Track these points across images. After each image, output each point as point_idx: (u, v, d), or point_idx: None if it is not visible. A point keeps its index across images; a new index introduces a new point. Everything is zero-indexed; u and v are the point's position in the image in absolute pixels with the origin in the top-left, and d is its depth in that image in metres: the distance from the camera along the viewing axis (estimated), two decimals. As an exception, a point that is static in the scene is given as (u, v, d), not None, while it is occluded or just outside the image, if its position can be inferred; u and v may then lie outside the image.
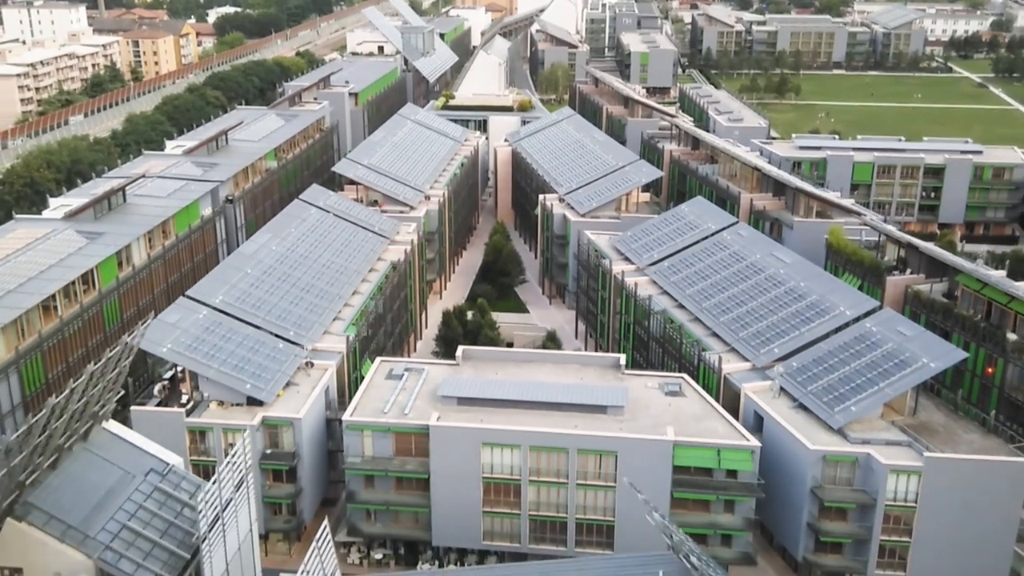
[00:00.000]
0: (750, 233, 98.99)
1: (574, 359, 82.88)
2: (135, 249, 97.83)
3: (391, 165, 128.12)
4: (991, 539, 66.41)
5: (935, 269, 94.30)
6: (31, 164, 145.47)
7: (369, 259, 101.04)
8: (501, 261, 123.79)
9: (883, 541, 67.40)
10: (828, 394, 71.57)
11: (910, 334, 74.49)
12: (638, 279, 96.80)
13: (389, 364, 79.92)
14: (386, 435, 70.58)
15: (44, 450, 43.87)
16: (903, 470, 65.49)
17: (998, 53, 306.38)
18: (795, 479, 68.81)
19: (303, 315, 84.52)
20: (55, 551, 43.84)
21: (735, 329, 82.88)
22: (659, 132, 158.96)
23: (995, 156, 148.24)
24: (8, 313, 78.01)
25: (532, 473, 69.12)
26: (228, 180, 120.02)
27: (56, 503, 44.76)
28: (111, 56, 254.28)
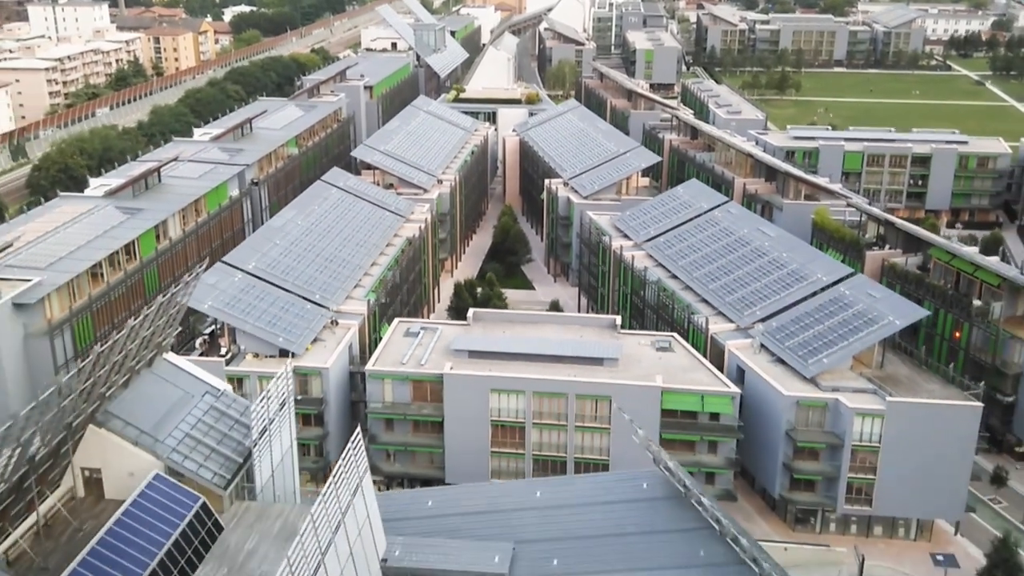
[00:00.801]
0: (739, 211, 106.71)
1: (574, 320, 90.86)
2: (171, 224, 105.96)
3: (406, 151, 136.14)
4: (948, 476, 74.00)
5: (911, 244, 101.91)
6: (65, 151, 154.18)
7: (386, 235, 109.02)
8: (509, 241, 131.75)
9: (851, 478, 75.03)
10: (803, 349, 79.24)
11: (879, 296, 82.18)
12: (635, 253, 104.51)
13: (406, 324, 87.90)
14: (404, 383, 78.47)
15: (120, 368, 51.74)
16: (868, 413, 73.15)
17: (996, 52, 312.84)
18: (772, 423, 76.48)
19: (327, 281, 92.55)
20: (130, 453, 51.66)
21: (722, 295, 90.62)
22: (660, 123, 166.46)
23: (980, 146, 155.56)
24: (61, 276, 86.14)
25: (535, 417, 76.95)
26: (253, 164, 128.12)
27: (130, 414, 52.59)
28: (134, 52, 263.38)
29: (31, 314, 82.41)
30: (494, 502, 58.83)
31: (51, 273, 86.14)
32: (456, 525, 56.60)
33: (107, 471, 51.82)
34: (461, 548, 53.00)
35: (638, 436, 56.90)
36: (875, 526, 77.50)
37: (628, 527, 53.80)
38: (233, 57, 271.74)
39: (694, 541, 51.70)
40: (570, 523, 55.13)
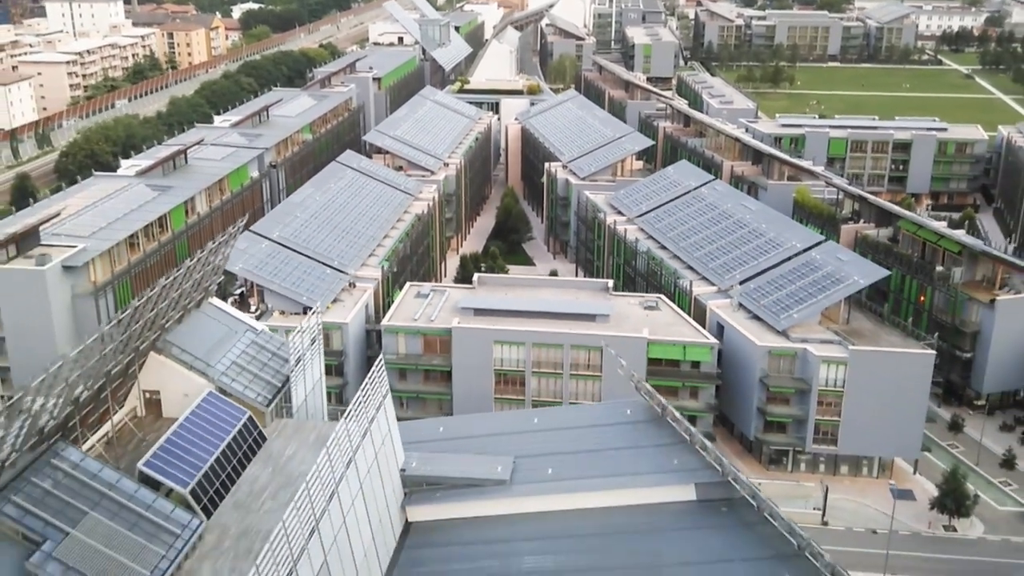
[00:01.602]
0: (724, 188, 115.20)
1: (570, 283, 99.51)
2: (198, 201, 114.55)
3: (414, 137, 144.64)
4: (905, 418, 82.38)
5: (883, 218, 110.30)
6: (91, 138, 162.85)
7: (397, 211, 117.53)
8: (511, 220, 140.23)
9: (818, 420, 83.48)
10: (776, 306, 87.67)
11: (846, 259, 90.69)
12: (628, 227, 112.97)
13: (417, 287, 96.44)
14: (416, 337, 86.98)
15: (176, 304, 60.11)
16: (832, 361, 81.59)
17: (987, 47, 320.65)
18: (748, 372, 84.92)
19: (344, 250, 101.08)
20: (185, 376, 59.93)
21: (705, 261, 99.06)
22: (655, 112, 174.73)
23: (959, 133, 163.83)
24: (103, 244, 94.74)
25: (534, 366, 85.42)
26: (271, 148, 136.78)
27: (185, 343, 60.86)
28: (149, 47, 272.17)
29: (78, 276, 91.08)
30: (497, 427, 67.22)
31: (94, 241, 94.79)
32: (464, 446, 64.87)
33: (165, 392, 60.27)
34: (469, 460, 61.33)
35: (623, 368, 65.29)
36: (841, 465, 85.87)
37: (612, 443, 62.07)
38: (244, 52, 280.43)
39: (669, 452, 59.93)
40: (563, 442, 63.42)
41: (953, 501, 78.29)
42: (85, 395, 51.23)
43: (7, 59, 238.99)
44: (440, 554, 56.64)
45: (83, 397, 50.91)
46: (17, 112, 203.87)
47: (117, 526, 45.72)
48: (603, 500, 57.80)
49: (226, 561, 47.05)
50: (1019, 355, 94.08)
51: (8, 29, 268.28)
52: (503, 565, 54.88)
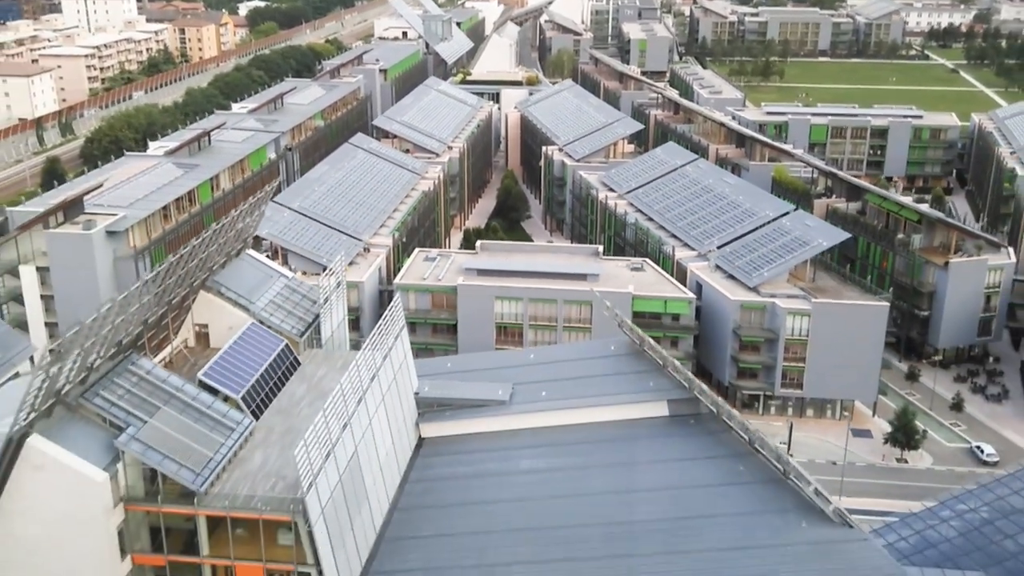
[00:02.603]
0: (707, 166, 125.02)
1: (564, 249, 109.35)
2: (222, 178, 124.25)
3: (420, 123, 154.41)
4: (863, 364, 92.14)
5: (853, 193, 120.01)
6: (115, 125, 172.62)
7: (405, 188, 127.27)
8: (511, 199, 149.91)
9: (785, 366, 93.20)
10: (749, 266, 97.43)
11: (812, 225, 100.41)
12: (618, 202, 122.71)
13: (425, 252, 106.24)
14: (425, 294, 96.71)
15: (220, 251, 69.70)
16: (797, 312, 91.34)
17: (973, 42, 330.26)
18: (722, 324, 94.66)
19: (358, 220, 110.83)
20: (229, 311, 69.39)
21: (687, 230, 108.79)
22: (647, 101, 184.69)
23: (933, 120, 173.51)
24: (140, 213, 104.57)
25: (531, 319, 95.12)
26: (286, 132, 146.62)
27: (229, 283, 70.47)
28: (163, 41, 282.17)
29: (119, 241, 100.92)
30: (498, 362, 76.89)
31: (132, 211, 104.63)
32: (469, 377, 74.48)
33: (213, 326, 69.94)
34: (474, 385, 70.93)
35: (608, 309, 74.97)
36: (807, 408, 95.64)
37: (597, 372, 71.57)
38: (253, 47, 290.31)
39: (646, 377, 69.41)
40: (555, 371, 72.94)
41: (904, 435, 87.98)
42: (152, 318, 60.92)
43: (27, 53, 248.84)
44: (449, 460, 66.17)
45: (150, 319, 60.59)
46: (39, 103, 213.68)
47: (184, 419, 55.36)
48: (588, 416, 67.27)
49: (273, 451, 56.73)
50: (970, 313, 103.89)
51: (27, 24, 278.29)
52: (502, 467, 64.46)
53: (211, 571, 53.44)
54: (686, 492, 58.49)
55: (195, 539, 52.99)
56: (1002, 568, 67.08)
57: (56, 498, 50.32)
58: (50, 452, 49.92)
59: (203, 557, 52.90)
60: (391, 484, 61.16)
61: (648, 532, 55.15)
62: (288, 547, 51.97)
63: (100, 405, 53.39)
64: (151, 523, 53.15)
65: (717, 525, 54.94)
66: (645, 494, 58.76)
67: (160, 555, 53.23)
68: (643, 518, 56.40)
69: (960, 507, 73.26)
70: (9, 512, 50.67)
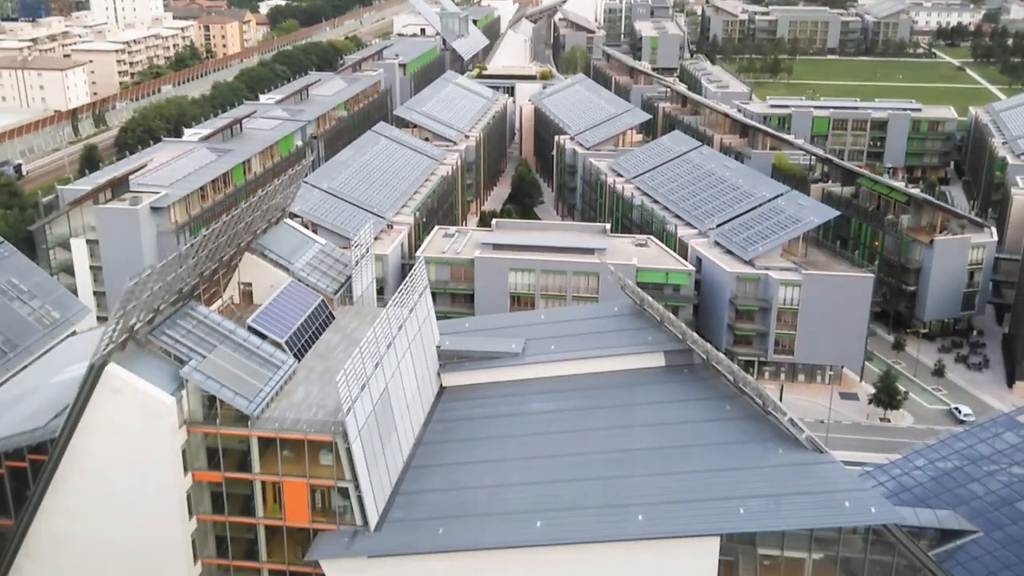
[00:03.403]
0: (710, 152, 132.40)
1: (574, 227, 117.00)
2: (254, 162, 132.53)
3: (438, 113, 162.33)
4: (850, 332, 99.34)
5: (848, 177, 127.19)
6: (147, 116, 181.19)
7: (425, 173, 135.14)
8: (524, 185, 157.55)
9: (778, 334, 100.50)
10: (745, 242, 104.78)
11: (805, 204, 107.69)
12: (626, 186, 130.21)
13: (444, 229, 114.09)
14: (445, 266, 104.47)
15: (263, 217, 77.61)
16: (789, 283, 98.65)
17: (980, 41, 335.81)
18: (720, 294, 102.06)
19: (382, 200, 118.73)
20: (271, 271, 77.16)
21: (689, 210, 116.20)
22: (656, 95, 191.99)
23: (931, 112, 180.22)
24: (180, 192, 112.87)
25: (542, 290, 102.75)
26: (312, 121, 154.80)
27: (271, 246, 78.34)
28: (189, 38, 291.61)
29: (161, 216, 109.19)
30: (512, 321, 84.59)
31: (172, 190, 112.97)
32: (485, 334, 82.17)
33: (256, 284, 77.85)
34: (490, 340, 78.53)
35: (611, 273, 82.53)
36: (799, 373, 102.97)
37: (601, 329, 79.11)
38: (275, 44, 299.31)
39: (645, 332, 76.88)
40: (563, 329, 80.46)
41: (886, 396, 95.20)
42: (206, 272, 68.88)
43: (58, 48, 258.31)
44: (467, 405, 73.73)
45: (205, 272, 68.56)
46: (72, 95, 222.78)
47: (238, 356, 63.27)
48: (592, 367, 74.60)
49: (314, 387, 64.59)
50: (954, 287, 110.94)
51: (59, 20, 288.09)
52: (515, 409, 72.04)
53: (261, 487, 61.29)
54: (677, 427, 65.92)
55: (248, 458, 60.85)
56: (968, 507, 74.39)
57: (130, 418, 58.33)
58: (126, 378, 57.91)
59: (255, 474, 60.75)
60: (416, 422, 68.80)
61: (643, 458, 62.61)
62: (329, 466, 59.77)
63: (166, 341, 61.36)
64: (209, 444, 61.06)
65: (703, 452, 62.37)
66: (641, 429, 66.18)
67: (217, 472, 61.11)
68: (638, 447, 63.86)
69: (932, 455, 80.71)
70: (89, 430, 58.74)
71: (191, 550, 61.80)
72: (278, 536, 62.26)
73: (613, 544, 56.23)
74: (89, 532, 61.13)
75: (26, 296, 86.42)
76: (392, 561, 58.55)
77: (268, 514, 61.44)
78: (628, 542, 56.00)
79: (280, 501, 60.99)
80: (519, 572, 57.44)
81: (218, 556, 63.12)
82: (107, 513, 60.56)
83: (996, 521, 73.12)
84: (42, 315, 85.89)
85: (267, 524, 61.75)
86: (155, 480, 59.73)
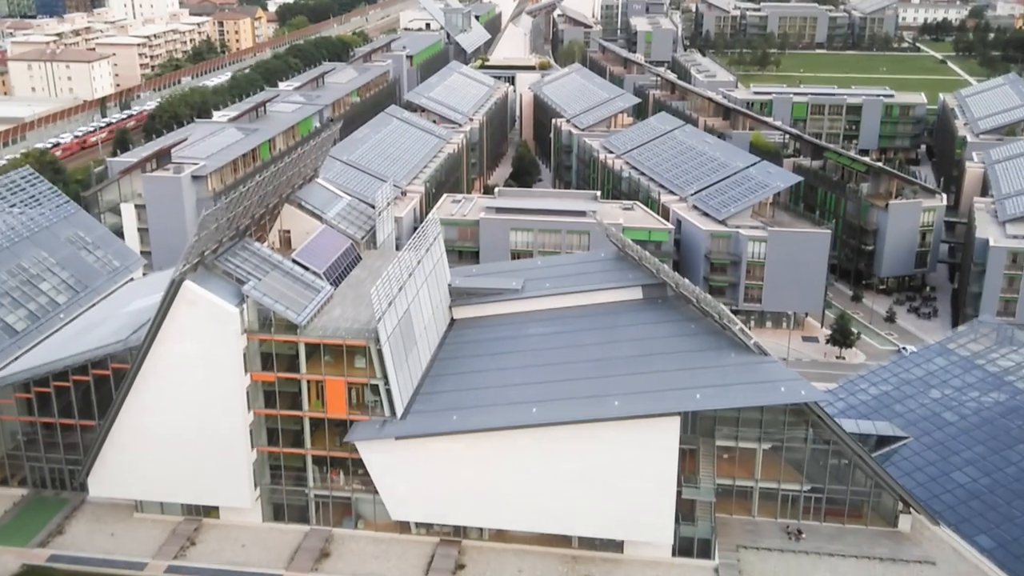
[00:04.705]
0: (692, 130, 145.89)
1: (567, 194, 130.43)
2: (278, 140, 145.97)
3: (444, 98, 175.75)
4: (810, 282, 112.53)
5: (816, 152, 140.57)
6: (173, 102, 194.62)
7: (434, 150, 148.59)
8: (524, 164, 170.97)
9: (747, 284, 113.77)
10: (719, 204, 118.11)
11: (773, 172, 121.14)
12: (616, 161, 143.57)
13: (451, 196, 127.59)
14: (453, 227, 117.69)
15: (299, 174, 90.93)
16: (756, 239, 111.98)
17: (963, 36, 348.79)
18: (696, 250, 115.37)
19: (396, 171, 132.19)
20: (307, 219, 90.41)
21: (672, 179, 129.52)
22: (648, 83, 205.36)
23: (903, 98, 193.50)
24: (216, 163, 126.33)
25: (539, 247, 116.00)
26: (328, 106, 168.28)
27: (306, 199, 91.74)
28: (205, 33, 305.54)
29: (200, 185, 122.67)
30: (513, 267, 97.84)
31: (209, 161, 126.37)
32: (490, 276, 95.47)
33: (293, 231, 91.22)
34: (494, 279, 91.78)
35: (598, 223, 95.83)
36: (767, 321, 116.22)
37: (589, 271, 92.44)
38: (287, 39, 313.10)
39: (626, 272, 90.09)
40: (557, 272, 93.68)
41: (841, 335, 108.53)
42: (257, 214, 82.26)
43: (82, 42, 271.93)
44: (475, 331, 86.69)
45: (256, 215, 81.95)
46: (98, 86, 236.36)
47: (287, 280, 76.70)
48: (581, 300, 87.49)
49: (348, 308, 77.81)
50: (907, 247, 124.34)
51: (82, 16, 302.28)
52: (516, 333, 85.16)
53: (307, 385, 74.59)
54: (649, 341, 79.13)
55: (296, 361, 74.15)
56: (902, 419, 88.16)
57: (202, 326, 71.66)
58: (199, 292, 71.26)
59: (302, 374, 74.07)
60: (432, 342, 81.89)
61: (620, 363, 75.74)
62: (363, 368, 73.11)
63: (228, 266, 74.71)
64: (264, 350, 74.35)
65: (669, 358, 75.63)
66: (619, 343, 79.31)
67: (271, 373, 74.44)
68: (617, 356, 77.02)
69: (875, 379, 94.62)
70: (168, 337, 72.07)
71: (249, 439, 75.09)
72: (320, 427, 75.65)
73: (595, 423, 69.65)
74: (164, 424, 74.47)
75: (91, 246, 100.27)
76: (415, 442, 72.08)
77: (312, 408, 74.77)
78: (607, 421, 69.43)
79: (322, 397, 74.29)
80: (521, 447, 70.88)
81: (270, 444, 76.42)
82: (180, 408, 73.89)
83: (924, 428, 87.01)
84: (105, 263, 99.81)
85: (312, 416, 75.08)
86: (221, 379, 73.05)
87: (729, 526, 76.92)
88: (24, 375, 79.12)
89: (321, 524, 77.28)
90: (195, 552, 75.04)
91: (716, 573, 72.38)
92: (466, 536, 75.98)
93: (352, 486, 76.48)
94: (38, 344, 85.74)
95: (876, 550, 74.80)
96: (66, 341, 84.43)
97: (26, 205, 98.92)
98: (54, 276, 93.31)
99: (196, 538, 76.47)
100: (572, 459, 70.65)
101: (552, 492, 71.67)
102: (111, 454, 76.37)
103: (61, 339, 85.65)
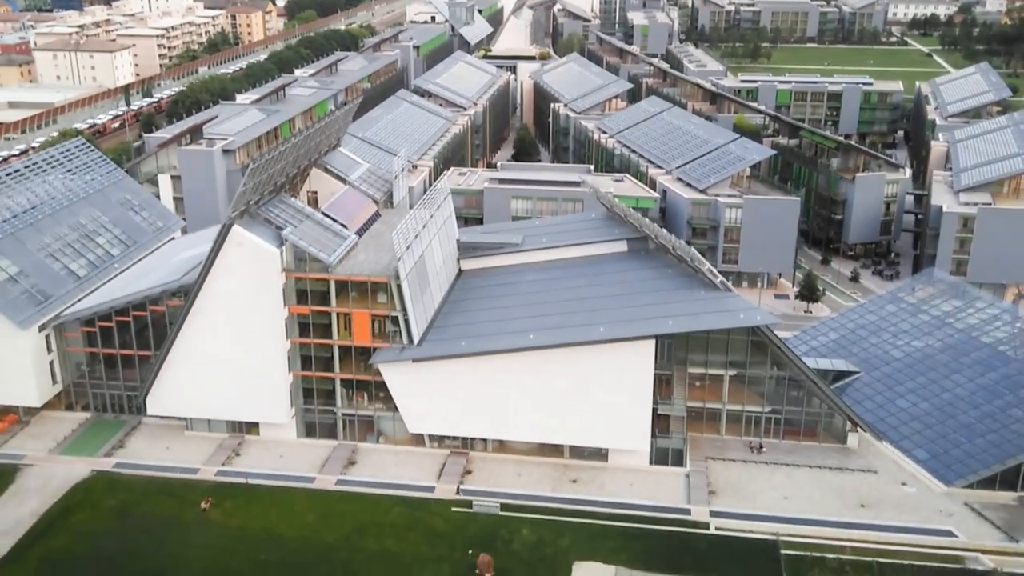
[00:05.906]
0: (680, 112, 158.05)
1: (564, 168, 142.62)
2: (297, 121, 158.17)
3: (450, 84, 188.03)
4: (781, 245, 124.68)
5: (793, 131, 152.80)
6: (195, 89, 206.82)
7: (441, 130, 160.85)
8: (525, 145, 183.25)
9: (725, 247, 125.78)
10: (701, 176, 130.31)
11: (750, 147, 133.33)
12: (610, 140, 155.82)
13: (458, 169, 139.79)
14: (460, 196, 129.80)
15: (326, 139, 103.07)
16: (733, 206, 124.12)
17: (950, 30, 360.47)
18: (680, 216, 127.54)
19: (407, 147, 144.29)
20: (332, 182, 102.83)
21: (659, 155, 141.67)
22: (642, 72, 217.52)
23: (881, 86, 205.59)
24: (243, 139, 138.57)
25: (538, 213, 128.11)
26: (342, 90, 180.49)
27: (332, 163, 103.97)
28: (219, 25, 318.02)
29: (230, 158, 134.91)
30: (513, 226, 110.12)
31: (236, 137, 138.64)
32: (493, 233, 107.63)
33: (320, 191, 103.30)
34: (497, 235, 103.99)
35: (589, 186, 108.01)
36: (743, 281, 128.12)
37: (580, 228, 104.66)
38: (297, 31, 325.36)
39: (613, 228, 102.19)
40: (552, 230, 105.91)
41: (808, 291, 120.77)
42: (291, 173, 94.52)
43: (103, 34, 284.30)
44: (480, 280, 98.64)
45: (290, 174, 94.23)
46: (120, 75, 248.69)
47: (319, 228, 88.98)
48: (573, 253, 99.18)
49: (371, 253, 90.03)
50: (873, 216, 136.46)
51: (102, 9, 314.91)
52: (514, 279, 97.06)
53: (336, 317, 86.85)
54: (631, 283, 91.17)
55: (327, 296, 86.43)
56: (856, 357, 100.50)
57: (248, 264, 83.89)
58: (246, 235, 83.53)
59: (332, 308, 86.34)
60: (443, 286, 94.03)
61: (605, 300, 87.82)
62: (384, 302, 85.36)
63: (269, 214, 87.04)
64: (299, 287, 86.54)
65: (648, 296, 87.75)
66: (605, 286, 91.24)
67: (306, 306, 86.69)
68: (603, 295, 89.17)
69: (834, 324, 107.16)
70: (218, 275, 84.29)
71: (287, 364, 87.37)
72: (348, 354, 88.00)
73: (583, 346, 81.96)
74: (214, 351, 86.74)
75: (137, 208, 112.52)
76: (429, 364, 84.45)
77: (341, 337, 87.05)
78: (593, 344, 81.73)
79: (350, 328, 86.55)
80: (519, 368, 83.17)
81: (303, 369, 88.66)
82: (227, 336, 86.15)
83: (874, 364, 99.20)
84: (150, 222, 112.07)
85: (340, 345, 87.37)
86: (263, 311, 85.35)
87: (700, 442, 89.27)
88: (90, 311, 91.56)
89: (348, 439, 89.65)
90: (240, 461, 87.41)
91: (687, 478, 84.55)
92: (472, 448, 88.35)
93: (375, 406, 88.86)
94: (97, 289, 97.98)
95: (826, 461, 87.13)
96: (123, 285, 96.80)
97: (80, 171, 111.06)
98: (108, 232, 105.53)
99: (240, 450, 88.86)
100: (563, 378, 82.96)
101: (546, 407, 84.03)
102: (168, 377, 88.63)
103: (118, 284, 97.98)
